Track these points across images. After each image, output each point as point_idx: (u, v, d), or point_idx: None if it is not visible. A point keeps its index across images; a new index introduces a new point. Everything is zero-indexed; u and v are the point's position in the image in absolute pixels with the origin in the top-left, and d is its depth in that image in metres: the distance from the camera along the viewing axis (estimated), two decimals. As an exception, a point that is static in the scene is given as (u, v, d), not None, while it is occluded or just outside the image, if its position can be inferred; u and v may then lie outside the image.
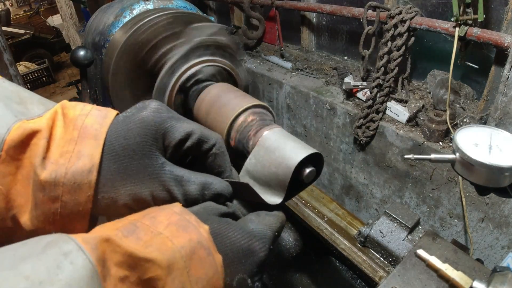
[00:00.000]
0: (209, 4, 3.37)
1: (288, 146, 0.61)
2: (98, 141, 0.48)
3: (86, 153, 0.47)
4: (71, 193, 0.46)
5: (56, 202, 0.46)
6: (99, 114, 0.51)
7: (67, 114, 0.51)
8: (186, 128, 0.53)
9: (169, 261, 0.40)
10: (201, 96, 0.90)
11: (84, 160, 0.47)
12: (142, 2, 1.20)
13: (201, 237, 0.45)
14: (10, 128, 0.46)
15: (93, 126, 0.49)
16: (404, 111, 1.78)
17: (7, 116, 0.47)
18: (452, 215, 1.75)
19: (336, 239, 1.08)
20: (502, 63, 1.41)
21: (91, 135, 0.48)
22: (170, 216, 0.46)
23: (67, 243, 0.36)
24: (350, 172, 2.24)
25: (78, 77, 4.87)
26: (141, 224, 0.44)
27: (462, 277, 0.70)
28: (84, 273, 0.34)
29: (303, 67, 2.46)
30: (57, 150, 0.48)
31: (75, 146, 0.47)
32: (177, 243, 0.43)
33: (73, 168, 0.46)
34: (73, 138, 0.48)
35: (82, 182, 0.46)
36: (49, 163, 0.46)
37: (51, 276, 0.32)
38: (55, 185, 0.46)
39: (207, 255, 0.44)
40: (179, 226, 0.45)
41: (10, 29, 7.44)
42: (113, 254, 0.38)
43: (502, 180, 0.68)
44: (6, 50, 2.10)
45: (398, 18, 1.62)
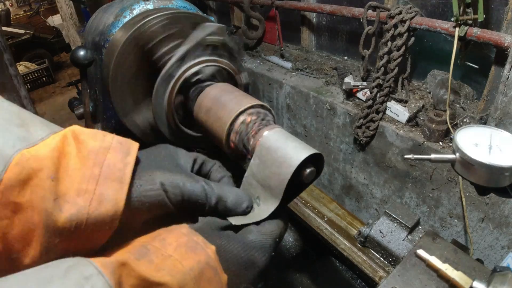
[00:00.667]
0: (209, 4, 3.37)
1: (289, 146, 0.61)
2: (123, 185, 0.45)
3: (110, 197, 0.44)
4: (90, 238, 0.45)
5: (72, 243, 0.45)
6: (121, 148, 0.48)
7: (84, 142, 0.47)
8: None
9: (179, 284, 0.42)
10: (201, 96, 0.90)
11: (107, 205, 0.44)
12: (142, 2, 1.20)
13: (208, 258, 0.46)
14: (8, 163, 0.41)
15: (116, 165, 0.46)
16: (404, 111, 1.78)
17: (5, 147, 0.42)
18: (452, 215, 1.75)
19: (336, 239, 1.08)
20: (502, 63, 1.41)
21: (114, 177, 0.45)
22: (179, 238, 0.47)
23: (88, 267, 0.37)
24: (350, 172, 2.24)
25: (78, 77, 4.87)
26: (152, 247, 0.45)
27: (462, 277, 0.70)
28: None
29: (303, 67, 2.46)
30: (72, 185, 0.44)
31: (96, 186, 0.44)
32: (187, 265, 0.44)
33: (95, 213, 0.43)
34: (94, 176, 0.44)
35: (103, 226, 0.45)
36: (65, 203, 0.43)
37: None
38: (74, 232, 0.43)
39: (214, 275, 0.46)
40: (188, 248, 0.46)
41: (10, 29, 7.44)
42: (128, 277, 0.39)
43: (502, 180, 0.68)
44: (6, 50, 2.10)
45: (398, 18, 1.62)
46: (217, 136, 0.80)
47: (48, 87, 7.13)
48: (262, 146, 0.65)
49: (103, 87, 1.25)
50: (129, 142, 0.50)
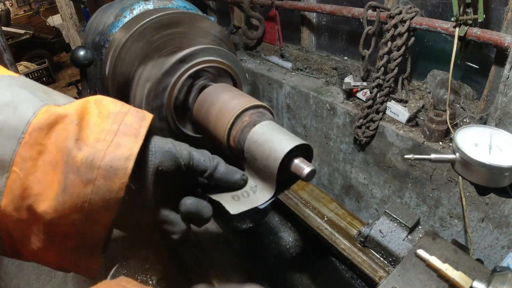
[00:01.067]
0: (209, 4, 3.37)
1: (275, 139, 0.62)
2: (138, 140, 0.50)
3: (125, 145, 0.48)
4: (106, 178, 0.46)
5: (88, 186, 0.45)
6: (137, 114, 0.54)
7: (105, 106, 0.52)
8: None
9: None
10: (201, 96, 0.90)
11: (123, 149, 0.48)
12: (142, 2, 1.20)
13: None
14: (37, 111, 0.45)
15: (133, 126, 0.51)
16: (404, 111, 1.78)
17: (33, 100, 0.47)
18: (452, 215, 1.75)
19: (336, 239, 1.08)
20: (502, 63, 1.41)
21: (131, 133, 0.50)
22: None
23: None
24: (350, 172, 2.24)
25: (78, 77, 4.87)
26: None
27: (462, 277, 0.70)
28: None
29: (303, 67, 2.46)
30: (92, 135, 0.47)
31: (114, 137, 0.48)
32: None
33: (111, 155, 0.46)
34: (112, 130, 0.49)
35: (118, 168, 0.46)
36: (84, 145, 0.46)
37: None
38: (91, 168, 0.45)
39: None
40: None
41: (10, 29, 7.44)
42: None
43: (502, 180, 0.68)
44: (6, 50, 2.10)
45: (398, 18, 1.62)
46: (217, 136, 0.80)
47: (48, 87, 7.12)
48: (250, 139, 0.66)
49: (103, 87, 1.25)
50: (145, 111, 0.56)
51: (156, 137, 0.58)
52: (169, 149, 0.57)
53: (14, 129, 0.44)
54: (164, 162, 0.55)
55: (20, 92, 0.47)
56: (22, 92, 0.47)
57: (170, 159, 0.56)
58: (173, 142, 0.59)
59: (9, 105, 0.45)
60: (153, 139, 0.56)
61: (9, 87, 0.48)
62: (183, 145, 0.60)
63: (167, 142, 0.58)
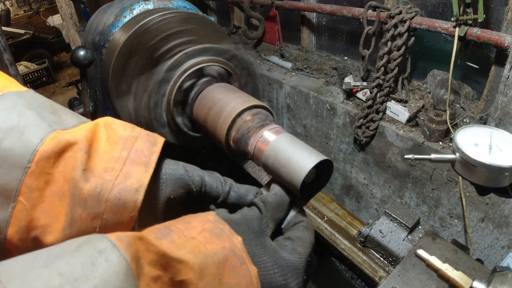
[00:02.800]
0: (209, 4, 3.37)
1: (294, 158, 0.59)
2: (148, 169, 0.47)
3: (135, 175, 0.46)
4: (114, 211, 0.44)
5: (96, 220, 0.43)
6: (148, 139, 0.51)
7: (114, 130, 0.50)
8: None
9: (201, 265, 0.40)
10: (201, 96, 0.90)
11: (132, 180, 0.45)
12: (142, 2, 1.20)
13: (234, 246, 0.44)
14: (44, 138, 0.43)
15: (143, 152, 0.49)
16: (404, 111, 1.78)
17: (41, 126, 0.44)
18: (452, 215, 1.75)
19: (336, 239, 1.08)
20: (502, 63, 1.41)
21: (141, 161, 0.48)
22: (204, 223, 0.46)
23: (101, 241, 0.35)
24: (350, 172, 2.24)
25: (78, 77, 4.86)
26: (175, 228, 0.44)
27: (462, 277, 0.70)
28: (119, 270, 0.33)
29: (303, 67, 2.46)
30: (101, 164, 0.45)
31: (123, 166, 0.46)
32: (210, 248, 0.42)
33: (120, 186, 0.44)
34: (122, 157, 0.47)
35: (128, 201, 0.44)
36: (92, 175, 0.44)
37: (86, 272, 0.32)
38: (98, 200, 0.43)
39: (240, 264, 0.43)
40: (213, 234, 0.44)
41: (10, 29, 7.44)
42: (146, 253, 0.37)
43: (502, 180, 0.68)
44: (6, 50, 2.10)
45: (398, 18, 1.61)
46: (217, 136, 0.80)
47: (48, 87, 7.13)
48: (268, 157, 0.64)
49: (103, 87, 1.25)
50: (156, 135, 0.54)
51: (168, 161, 0.56)
52: (181, 176, 0.54)
53: (20, 157, 0.42)
54: (176, 190, 0.53)
55: (27, 114, 0.45)
56: (29, 114, 0.45)
57: (182, 186, 0.54)
58: (185, 167, 0.56)
59: (15, 130, 0.43)
60: (164, 165, 0.54)
61: (16, 107, 0.45)
62: (195, 169, 0.58)
63: (179, 168, 0.56)
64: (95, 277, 0.32)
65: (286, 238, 0.54)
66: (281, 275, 0.48)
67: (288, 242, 0.53)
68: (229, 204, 0.59)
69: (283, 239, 0.54)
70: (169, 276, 0.38)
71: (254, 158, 0.68)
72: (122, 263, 0.34)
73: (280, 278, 0.48)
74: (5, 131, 0.42)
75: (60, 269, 0.31)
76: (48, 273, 0.31)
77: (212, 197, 0.58)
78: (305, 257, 0.52)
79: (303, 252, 0.52)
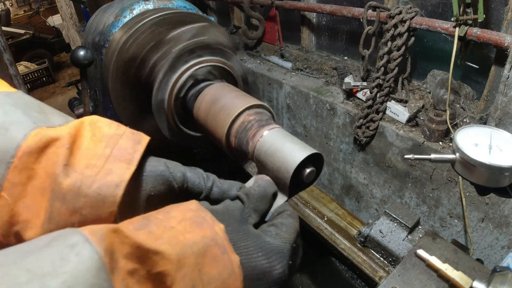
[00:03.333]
0: (209, 4, 3.37)
1: (285, 149, 0.61)
2: (130, 166, 0.47)
3: (116, 172, 0.46)
4: (93, 206, 0.44)
5: (74, 215, 0.43)
6: (133, 137, 0.51)
7: (99, 128, 0.49)
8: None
9: (179, 255, 0.39)
10: (200, 98, 0.90)
11: (113, 176, 0.45)
12: (142, 2, 1.20)
13: (215, 234, 0.43)
14: (27, 134, 0.43)
15: (127, 150, 0.49)
16: (404, 111, 1.78)
17: (26, 123, 0.45)
18: (452, 215, 1.75)
19: (336, 239, 1.08)
20: (502, 63, 1.41)
21: (124, 158, 0.48)
22: (185, 213, 0.46)
23: (73, 235, 0.35)
24: (350, 172, 2.24)
25: (78, 77, 4.85)
26: (154, 219, 0.43)
27: (462, 277, 0.70)
28: (91, 265, 0.32)
29: (303, 67, 2.46)
30: (83, 160, 0.45)
31: (105, 163, 0.46)
32: (189, 238, 0.41)
33: (100, 181, 0.44)
34: (104, 155, 0.47)
35: (107, 195, 0.44)
36: (73, 171, 0.44)
37: (55, 268, 0.31)
38: (77, 195, 0.43)
39: (221, 254, 0.42)
40: (193, 222, 0.44)
41: (10, 29, 7.43)
42: (121, 245, 0.37)
43: (502, 180, 0.68)
44: (6, 50, 2.10)
45: (398, 18, 1.61)
46: (217, 136, 0.80)
47: (48, 87, 7.12)
48: (259, 149, 0.65)
49: (103, 87, 1.25)
50: (141, 134, 0.53)
51: (150, 158, 0.56)
52: (161, 172, 0.54)
53: (3, 153, 0.42)
54: (156, 187, 0.53)
55: (13, 112, 0.45)
56: (15, 112, 0.45)
57: (163, 182, 0.54)
58: (166, 163, 0.56)
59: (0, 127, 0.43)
60: (147, 163, 0.54)
61: (2, 106, 0.45)
62: (177, 165, 0.57)
63: (160, 164, 0.55)
64: (64, 273, 0.31)
65: (270, 225, 0.54)
66: (265, 259, 0.47)
67: (272, 228, 0.53)
68: (212, 199, 0.59)
69: (267, 226, 0.54)
70: (146, 268, 0.37)
71: (254, 157, 0.68)
72: (94, 257, 0.33)
73: (264, 261, 0.47)
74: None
75: (29, 266, 0.31)
76: (16, 270, 0.30)
77: (194, 193, 0.58)
78: (289, 242, 0.51)
79: (287, 237, 0.51)
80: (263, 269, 0.47)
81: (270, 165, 0.62)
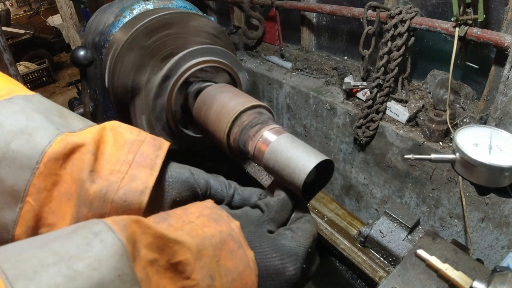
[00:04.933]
0: (209, 4, 3.37)
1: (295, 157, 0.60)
2: (153, 172, 0.48)
3: (140, 178, 0.47)
4: (119, 213, 0.45)
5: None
6: (154, 143, 0.52)
7: (121, 134, 0.50)
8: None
9: (198, 246, 0.40)
10: (201, 97, 0.90)
11: (138, 182, 0.46)
12: (142, 2, 1.20)
13: (231, 230, 0.45)
14: (53, 140, 0.44)
15: (149, 156, 0.50)
16: (404, 111, 1.78)
17: (49, 128, 0.45)
18: (452, 215, 1.75)
19: (336, 239, 1.08)
20: (502, 63, 1.41)
21: (146, 164, 0.49)
22: (202, 209, 0.47)
23: (97, 225, 0.36)
24: (350, 172, 2.24)
25: (78, 77, 4.85)
26: (173, 214, 0.45)
27: (462, 277, 0.70)
28: (114, 251, 0.34)
29: (303, 67, 2.46)
30: (107, 166, 0.46)
31: (128, 169, 0.47)
32: (208, 231, 0.43)
33: (125, 188, 0.45)
34: (127, 160, 0.48)
35: (133, 202, 0.45)
36: (98, 177, 0.45)
37: (80, 252, 0.32)
38: (104, 201, 0.44)
39: (237, 248, 0.44)
40: (210, 218, 0.45)
41: (10, 29, 7.44)
42: (143, 235, 0.38)
43: (502, 180, 0.68)
44: (6, 50, 2.10)
45: (398, 18, 1.61)
46: (217, 136, 0.80)
47: (48, 87, 7.13)
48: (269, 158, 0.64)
49: (103, 87, 1.25)
50: (161, 139, 0.54)
51: (173, 164, 0.57)
52: (186, 179, 0.55)
53: (28, 159, 0.42)
54: (182, 193, 0.54)
55: (35, 117, 0.46)
56: (37, 117, 0.46)
57: (188, 189, 0.55)
58: (190, 170, 0.58)
59: (23, 132, 0.43)
60: (170, 168, 0.55)
61: (24, 111, 0.46)
62: (201, 173, 0.59)
63: (185, 171, 0.57)
64: (89, 257, 0.32)
65: (286, 229, 0.55)
66: (279, 259, 0.48)
67: (288, 231, 0.54)
68: (233, 207, 0.60)
69: (283, 229, 0.55)
70: (166, 258, 0.38)
71: (254, 158, 0.68)
72: (117, 244, 0.34)
73: (277, 262, 0.48)
74: (13, 134, 0.43)
75: (55, 249, 0.32)
76: (43, 253, 0.31)
77: (217, 200, 0.59)
78: (304, 246, 0.52)
79: (302, 241, 0.52)
80: (277, 269, 0.48)
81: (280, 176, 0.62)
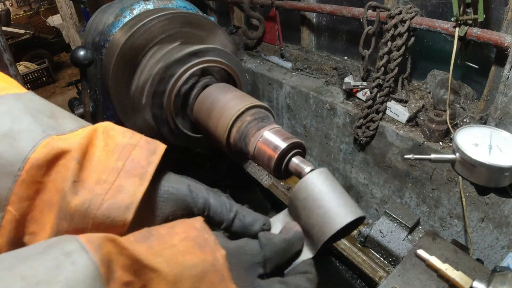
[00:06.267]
0: (209, 4, 3.37)
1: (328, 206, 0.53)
2: (143, 182, 0.44)
3: (128, 190, 0.43)
4: (101, 229, 0.42)
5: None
6: (148, 147, 0.47)
7: (112, 137, 0.47)
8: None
9: (175, 277, 0.37)
10: (201, 97, 0.90)
11: (124, 195, 0.43)
12: (142, 2, 1.20)
13: (216, 260, 0.41)
14: (37, 145, 0.41)
15: (140, 162, 0.46)
16: (404, 111, 1.78)
17: (35, 132, 0.42)
18: (452, 215, 1.75)
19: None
20: (502, 63, 1.41)
21: (136, 173, 0.45)
22: (189, 231, 0.43)
23: (70, 243, 0.34)
24: (350, 172, 2.24)
25: (78, 77, 4.86)
26: (156, 233, 0.42)
27: (462, 277, 0.70)
28: (86, 274, 0.31)
29: (303, 67, 2.46)
30: (94, 175, 0.43)
31: (116, 178, 0.43)
32: (189, 260, 0.40)
33: (110, 201, 0.42)
34: (116, 168, 0.44)
35: (116, 219, 0.42)
36: (82, 188, 0.42)
37: (50, 276, 0.30)
38: (85, 217, 0.41)
39: (219, 281, 0.41)
40: (195, 244, 0.42)
41: (10, 29, 7.43)
42: (119, 256, 0.36)
43: (502, 180, 0.68)
44: (6, 50, 2.10)
45: (398, 18, 1.61)
46: (217, 136, 0.80)
47: (48, 87, 7.13)
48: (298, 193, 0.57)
49: (103, 87, 1.25)
50: (157, 142, 0.50)
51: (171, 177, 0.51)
52: (183, 197, 0.50)
53: (11, 165, 0.40)
54: (176, 211, 0.49)
55: (22, 119, 0.43)
56: (24, 119, 0.43)
57: (184, 208, 0.50)
58: (189, 186, 0.52)
59: (7, 135, 0.41)
60: (166, 182, 0.50)
61: (10, 112, 0.43)
62: (200, 190, 0.53)
63: (183, 187, 0.51)
64: (58, 281, 0.30)
65: (281, 282, 0.49)
66: None
67: (281, 286, 0.47)
68: (233, 231, 0.55)
69: (278, 282, 0.48)
70: (141, 283, 0.36)
71: (254, 158, 0.68)
72: (90, 266, 0.32)
73: None
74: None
75: (24, 273, 0.30)
76: (11, 277, 0.29)
77: (215, 223, 0.54)
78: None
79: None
80: None
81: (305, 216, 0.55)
